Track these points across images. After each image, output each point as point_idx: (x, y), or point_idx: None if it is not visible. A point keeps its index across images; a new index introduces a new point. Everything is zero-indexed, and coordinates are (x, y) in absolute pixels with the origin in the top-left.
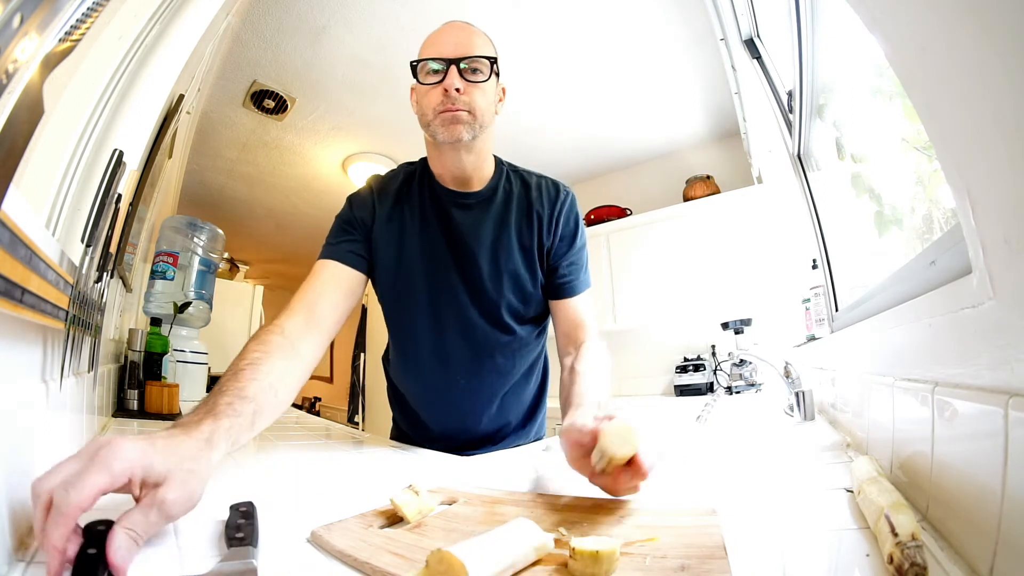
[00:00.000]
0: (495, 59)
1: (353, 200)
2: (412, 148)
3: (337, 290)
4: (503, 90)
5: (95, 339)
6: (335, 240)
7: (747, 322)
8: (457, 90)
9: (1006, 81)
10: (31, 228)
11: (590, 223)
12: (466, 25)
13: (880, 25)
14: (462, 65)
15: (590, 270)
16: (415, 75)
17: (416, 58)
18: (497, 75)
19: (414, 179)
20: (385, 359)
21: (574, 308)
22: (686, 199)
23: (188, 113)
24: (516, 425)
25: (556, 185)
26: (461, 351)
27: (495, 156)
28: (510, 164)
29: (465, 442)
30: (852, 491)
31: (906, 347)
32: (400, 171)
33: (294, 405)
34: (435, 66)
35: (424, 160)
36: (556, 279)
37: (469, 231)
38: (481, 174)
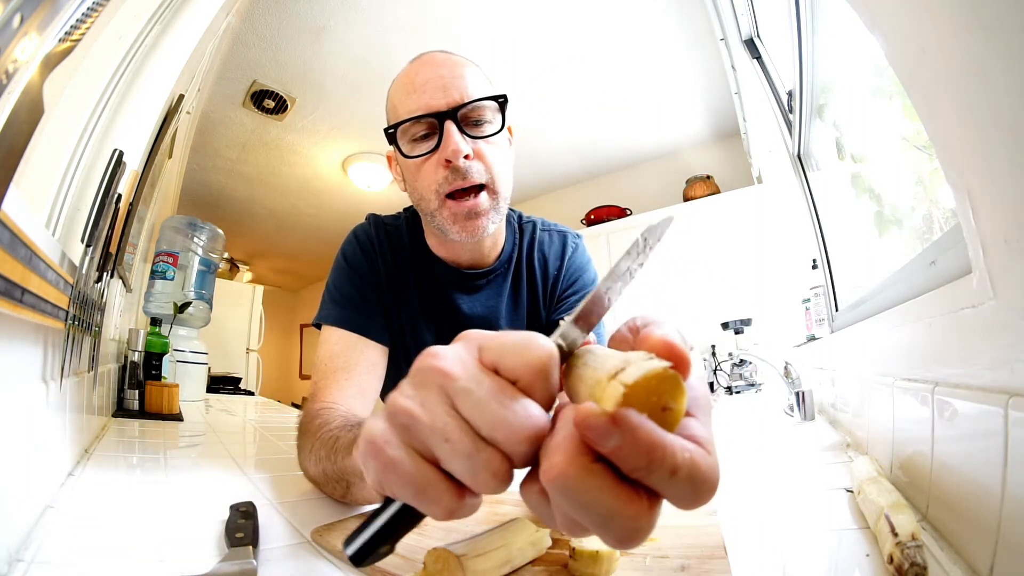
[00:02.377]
0: (504, 99)
1: (366, 251)
2: None
3: (378, 376)
4: (510, 130)
5: (95, 339)
6: (363, 307)
7: (747, 322)
8: (466, 157)
9: (1006, 81)
10: (31, 228)
11: (590, 223)
12: (448, 56)
13: (880, 25)
14: (461, 115)
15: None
16: (393, 143)
17: (390, 123)
18: (504, 118)
19: (409, 247)
20: None
21: None
22: (686, 199)
23: (188, 113)
24: None
25: (563, 238)
26: None
27: None
28: (519, 218)
29: None
30: (852, 491)
31: (906, 347)
32: (403, 226)
33: (295, 405)
34: (421, 128)
35: (419, 219)
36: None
37: (478, 323)
38: (497, 248)
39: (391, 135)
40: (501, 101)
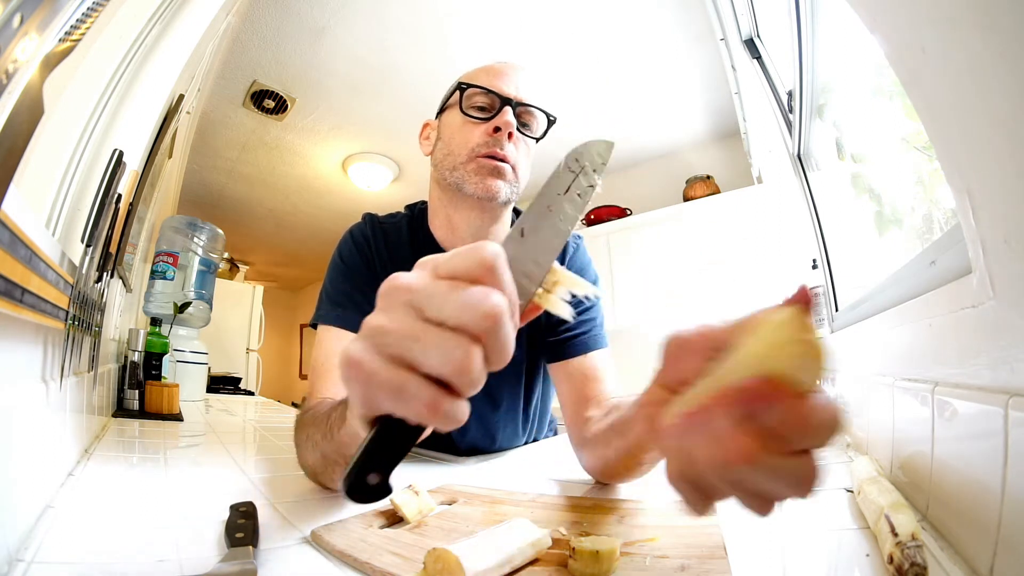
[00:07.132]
0: (554, 120)
1: (362, 249)
2: (412, 149)
3: None
4: None
5: (95, 339)
6: (359, 305)
7: None
8: (510, 134)
9: (1006, 81)
10: (31, 228)
11: (590, 223)
12: (525, 69)
13: (880, 25)
14: (519, 109)
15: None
16: (452, 102)
17: (464, 80)
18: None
19: (408, 243)
20: None
21: (590, 363)
22: (686, 199)
23: (188, 113)
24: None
25: None
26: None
27: None
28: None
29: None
30: (852, 491)
31: (906, 347)
32: (402, 223)
33: (295, 405)
34: (484, 100)
35: (422, 212)
36: (561, 336)
37: None
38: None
39: (462, 88)
40: (551, 120)
